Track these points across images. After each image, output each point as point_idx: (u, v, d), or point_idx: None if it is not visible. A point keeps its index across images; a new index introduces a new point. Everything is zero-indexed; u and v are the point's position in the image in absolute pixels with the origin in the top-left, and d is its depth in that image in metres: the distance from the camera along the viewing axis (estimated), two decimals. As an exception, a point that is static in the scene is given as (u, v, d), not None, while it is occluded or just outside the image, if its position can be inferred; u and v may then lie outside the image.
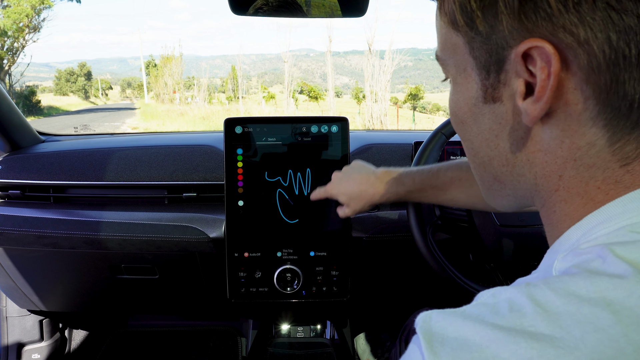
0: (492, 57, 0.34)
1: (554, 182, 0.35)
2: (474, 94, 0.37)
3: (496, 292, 0.31)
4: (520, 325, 0.27)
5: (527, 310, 0.28)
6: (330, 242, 1.05)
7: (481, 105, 0.37)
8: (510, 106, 0.35)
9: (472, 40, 0.35)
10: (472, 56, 0.36)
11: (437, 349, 0.28)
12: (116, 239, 1.06)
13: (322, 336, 1.43)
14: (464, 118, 0.40)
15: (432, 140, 0.91)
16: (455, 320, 0.29)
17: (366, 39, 14.74)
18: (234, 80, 32.61)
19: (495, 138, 0.38)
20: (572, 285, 0.28)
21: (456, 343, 0.28)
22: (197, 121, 17.16)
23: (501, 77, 0.35)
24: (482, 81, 0.36)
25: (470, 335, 0.28)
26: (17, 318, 1.44)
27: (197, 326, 1.75)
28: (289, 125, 1.03)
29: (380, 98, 14.25)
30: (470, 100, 0.38)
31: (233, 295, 1.06)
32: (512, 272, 0.91)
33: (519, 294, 0.29)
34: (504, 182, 0.40)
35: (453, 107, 0.41)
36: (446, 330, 0.29)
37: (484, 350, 0.27)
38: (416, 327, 0.31)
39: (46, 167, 1.18)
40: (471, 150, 0.41)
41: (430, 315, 0.31)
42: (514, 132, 0.36)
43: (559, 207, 0.36)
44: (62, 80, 49.99)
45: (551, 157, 0.35)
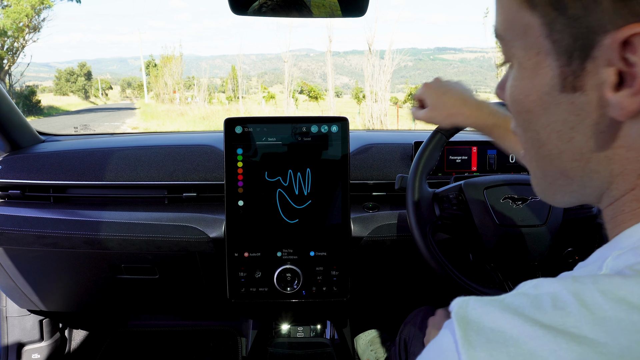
0: (578, 41, 0.31)
1: (632, 181, 0.33)
2: (548, 81, 0.33)
3: (539, 283, 0.30)
4: (563, 324, 0.26)
5: (572, 309, 0.26)
6: (330, 242, 1.05)
7: (557, 94, 0.33)
8: (595, 97, 0.31)
9: (554, 21, 0.32)
10: (550, 39, 0.32)
11: (472, 338, 0.27)
12: (116, 239, 1.06)
13: (322, 336, 1.43)
14: (531, 107, 0.35)
15: (432, 140, 0.91)
16: (493, 309, 0.28)
17: (366, 39, 14.74)
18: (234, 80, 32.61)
19: (570, 130, 0.34)
20: (624, 290, 0.26)
21: (492, 334, 0.27)
22: (197, 121, 17.16)
23: (587, 65, 0.31)
24: (561, 68, 0.32)
25: (508, 328, 0.26)
26: (17, 318, 1.44)
27: (197, 326, 1.75)
28: (289, 125, 1.03)
29: (380, 98, 14.25)
30: (542, 88, 0.34)
31: (233, 295, 1.06)
32: (512, 272, 0.91)
33: (564, 290, 0.28)
34: (572, 178, 0.36)
35: (517, 95, 0.37)
36: (483, 320, 0.28)
37: (520, 345, 0.25)
38: (451, 311, 0.30)
39: (46, 167, 1.18)
40: (536, 142, 0.37)
41: (467, 302, 0.29)
42: (595, 126, 0.32)
43: (629, 207, 0.33)
44: (62, 80, 49.99)
45: (634, 155, 0.32)
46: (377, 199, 1.17)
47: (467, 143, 1.19)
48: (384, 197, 1.18)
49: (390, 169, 1.18)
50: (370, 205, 1.13)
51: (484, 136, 0.82)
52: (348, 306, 1.42)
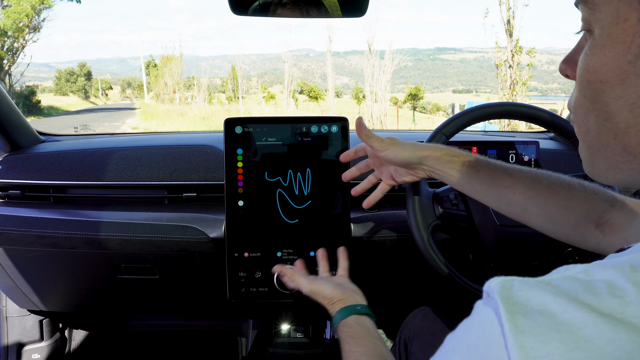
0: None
1: None
2: (633, 49, 0.32)
3: (589, 268, 0.28)
4: (622, 313, 0.24)
5: (632, 298, 0.25)
6: (330, 242, 1.05)
7: (637, 64, 0.32)
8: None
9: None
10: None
11: (519, 321, 0.25)
12: (116, 239, 1.06)
13: (322, 336, 1.43)
14: (607, 77, 0.34)
15: (432, 140, 0.91)
16: (542, 292, 0.26)
17: (366, 39, 14.74)
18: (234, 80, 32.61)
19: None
20: None
21: (542, 318, 0.25)
22: (197, 121, 17.17)
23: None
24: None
25: (560, 312, 0.25)
26: (17, 318, 1.44)
27: (197, 326, 1.75)
28: (289, 125, 1.03)
29: (380, 98, 14.25)
30: (624, 57, 0.33)
31: (233, 295, 1.06)
32: (512, 272, 0.91)
33: (622, 277, 0.26)
34: (635, 155, 0.35)
35: (593, 64, 0.35)
36: (530, 302, 0.26)
37: (575, 331, 0.24)
38: (492, 291, 0.28)
39: (46, 167, 1.18)
40: (602, 113, 0.36)
41: (511, 282, 0.28)
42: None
43: None
44: (62, 80, 50.00)
45: None
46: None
47: (467, 143, 1.19)
48: (384, 197, 1.17)
49: (390, 169, 1.18)
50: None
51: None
52: (348, 306, 1.42)
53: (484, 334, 0.27)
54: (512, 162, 1.20)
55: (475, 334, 0.28)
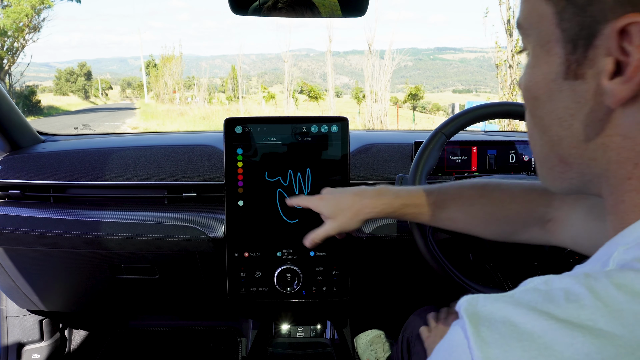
0: (583, 30, 0.32)
1: (628, 170, 0.34)
2: (554, 68, 0.35)
3: (549, 279, 0.30)
4: (578, 317, 0.25)
5: (586, 302, 0.26)
6: (330, 242, 1.05)
7: (560, 81, 0.35)
8: (593, 85, 0.33)
9: (564, 10, 0.33)
10: (560, 28, 0.34)
11: (484, 333, 0.27)
12: (116, 239, 1.06)
13: (322, 336, 1.43)
14: (538, 93, 0.37)
15: (432, 140, 0.91)
16: (504, 305, 0.28)
17: (366, 39, 14.73)
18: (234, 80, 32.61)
19: (570, 117, 0.35)
20: (638, 284, 0.26)
21: (505, 329, 0.26)
22: (197, 121, 17.16)
23: (589, 53, 0.33)
24: (567, 55, 0.34)
25: (521, 323, 0.26)
26: (17, 318, 1.44)
27: (197, 326, 1.75)
28: (289, 125, 1.03)
29: (380, 98, 14.25)
30: (549, 75, 0.36)
31: (233, 295, 1.06)
32: (512, 272, 0.91)
33: (577, 284, 0.28)
34: (570, 165, 0.38)
35: (527, 81, 0.39)
36: (494, 315, 0.27)
37: (535, 339, 0.25)
38: (459, 309, 0.29)
39: (46, 167, 1.18)
40: (540, 127, 0.39)
41: (476, 299, 0.29)
42: (592, 113, 0.34)
43: (629, 197, 0.34)
44: (62, 80, 50.00)
45: (629, 143, 0.33)
46: (377, 199, 1.17)
47: (467, 143, 1.19)
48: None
49: (390, 169, 1.18)
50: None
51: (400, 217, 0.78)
52: (348, 306, 1.42)
53: (453, 349, 0.28)
54: (512, 162, 1.20)
55: (445, 351, 0.30)
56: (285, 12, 0.83)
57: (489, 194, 0.72)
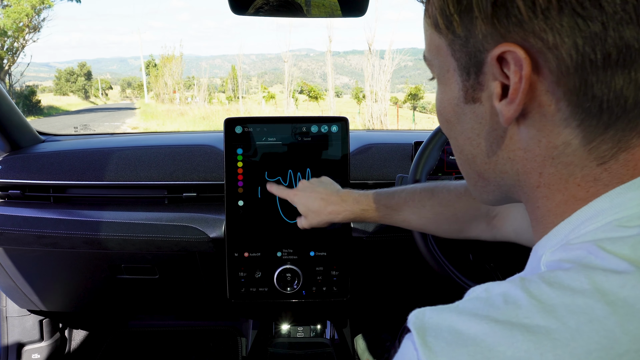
0: (472, 59, 0.35)
1: (535, 179, 0.36)
2: (456, 94, 0.38)
3: (489, 287, 0.32)
4: (516, 317, 0.27)
5: (522, 302, 0.28)
6: (330, 242, 1.05)
7: (462, 105, 0.38)
8: (489, 107, 0.36)
9: (453, 42, 0.36)
10: (454, 58, 0.37)
11: (430, 343, 0.28)
12: (116, 239, 1.06)
13: (322, 336, 1.42)
14: (449, 117, 0.41)
15: (432, 140, 0.91)
16: (449, 314, 0.30)
17: (366, 39, 14.74)
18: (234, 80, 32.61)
19: (476, 137, 0.39)
20: (567, 279, 0.28)
21: (450, 337, 0.28)
22: (197, 121, 17.16)
23: (480, 79, 0.36)
24: (463, 82, 0.37)
25: (465, 329, 0.28)
26: (17, 318, 1.44)
27: (197, 326, 1.75)
28: (289, 125, 1.03)
29: (380, 98, 14.25)
30: (453, 100, 0.39)
31: (233, 295, 1.06)
32: (512, 272, 0.91)
33: (514, 287, 0.30)
34: (487, 179, 0.41)
35: (438, 106, 0.42)
36: (439, 325, 0.29)
37: (479, 343, 0.27)
38: (409, 324, 0.31)
39: (46, 167, 1.18)
40: (457, 147, 0.42)
41: (423, 312, 0.31)
42: (493, 132, 0.37)
43: (542, 203, 0.37)
44: (62, 80, 50.00)
45: (530, 155, 0.35)
46: (377, 199, 1.17)
47: (467, 143, 1.19)
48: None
49: (390, 169, 1.18)
50: (370, 205, 1.13)
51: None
52: (348, 306, 1.42)
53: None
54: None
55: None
56: (285, 12, 0.83)
57: (437, 195, 0.77)
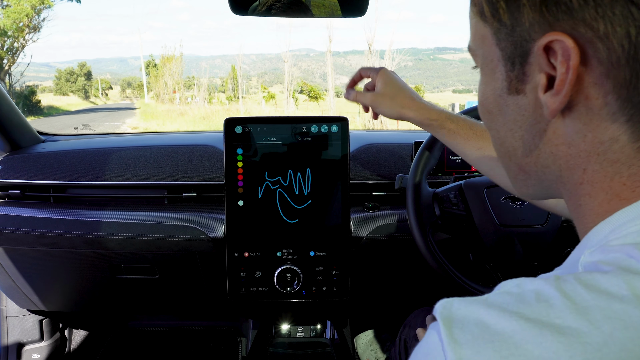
0: (517, 49, 0.34)
1: (579, 176, 0.35)
2: (499, 84, 0.38)
3: (521, 282, 0.31)
4: (547, 316, 0.26)
5: (556, 302, 0.27)
6: (330, 242, 1.05)
7: (506, 97, 0.37)
8: (533, 98, 0.35)
9: (498, 31, 0.36)
10: (499, 47, 0.36)
11: (457, 335, 0.27)
12: (116, 239, 1.06)
13: (322, 336, 1.43)
14: (491, 108, 0.40)
15: (432, 140, 0.91)
16: (477, 307, 0.29)
17: (366, 39, 14.74)
18: (234, 80, 32.60)
19: (519, 129, 0.38)
20: (605, 283, 0.27)
21: (477, 330, 0.27)
22: (197, 121, 17.15)
23: (525, 70, 0.35)
24: (507, 73, 0.36)
25: (493, 323, 0.27)
26: (17, 318, 1.44)
27: (197, 326, 1.75)
28: (289, 125, 1.03)
29: (380, 98, 14.23)
30: (496, 91, 0.38)
31: (233, 295, 1.06)
32: (512, 272, 0.91)
33: (548, 285, 0.29)
34: (528, 173, 0.40)
35: (481, 97, 0.41)
36: (467, 317, 0.28)
37: (506, 339, 0.26)
38: (435, 313, 0.30)
39: (46, 167, 1.18)
40: (497, 139, 0.41)
41: (451, 302, 0.30)
42: (536, 125, 0.36)
43: (584, 201, 0.35)
44: (62, 80, 49.98)
45: (574, 150, 0.34)
46: (377, 199, 1.17)
47: (467, 143, 1.19)
48: (384, 197, 1.18)
49: (390, 169, 1.18)
50: (370, 205, 1.13)
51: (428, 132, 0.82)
52: (348, 306, 1.42)
53: (428, 352, 0.30)
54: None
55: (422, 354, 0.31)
56: (285, 12, 0.83)
57: None
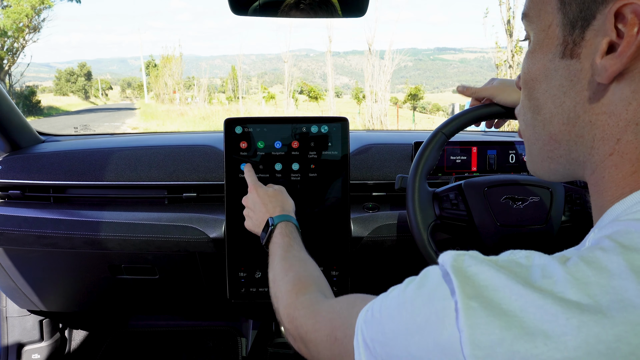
0: (583, 12, 0.35)
1: (611, 146, 0.36)
2: (552, 49, 0.38)
3: (530, 255, 0.33)
4: (551, 291, 0.28)
5: (558, 277, 0.29)
6: (330, 242, 1.05)
7: (557, 61, 0.38)
8: (588, 64, 0.36)
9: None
10: (562, 12, 0.37)
11: (469, 292, 0.29)
12: (116, 239, 1.06)
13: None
14: (536, 75, 0.40)
15: (432, 140, 0.91)
16: (488, 269, 0.31)
17: (366, 39, 14.73)
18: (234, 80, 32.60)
19: (562, 95, 0.38)
20: (605, 261, 0.29)
21: (487, 292, 0.29)
22: (197, 121, 17.15)
23: (586, 34, 0.35)
24: (565, 37, 0.37)
25: (501, 287, 0.29)
26: (17, 318, 1.44)
27: (197, 326, 1.75)
28: (289, 126, 1.03)
29: (380, 98, 14.24)
30: (547, 56, 0.39)
31: (233, 295, 1.06)
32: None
33: (553, 262, 0.31)
34: (559, 142, 0.41)
35: (528, 65, 0.42)
36: (479, 277, 0.30)
37: (512, 303, 0.28)
38: (444, 264, 0.32)
39: (46, 167, 1.18)
40: (535, 108, 0.42)
41: (462, 257, 0.32)
42: (583, 91, 0.37)
43: (609, 173, 0.37)
44: (62, 80, 49.99)
45: (614, 120, 0.35)
46: (377, 199, 1.17)
47: (467, 143, 1.19)
48: (384, 197, 1.18)
49: (390, 169, 1.18)
50: (370, 205, 1.13)
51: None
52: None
53: (434, 298, 0.31)
54: (512, 162, 1.20)
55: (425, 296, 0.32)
56: (285, 12, 0.83)
57: None
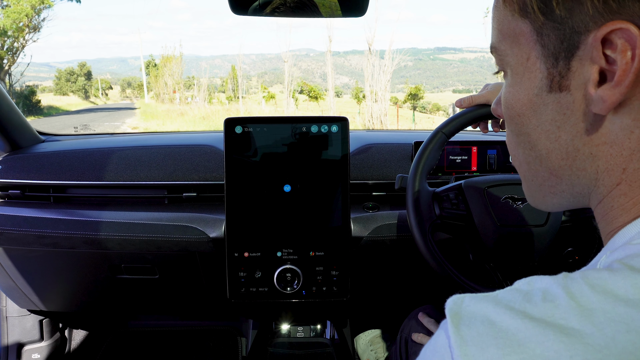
0: (564, 43, 0.33)
1: (617, 176, 0.34)
2: (537, 83, 0.36)
3: (532, 280, 0.31)
4: (552, 316, 0.26)
5: (561, 302, 0.27)
6: (330, 242, 1.05)
7: (544, 95, 0.36)
8: (579, 95, 0.33)
9: (542, 26, 0.34)
10: (540, 44, 0.35)
11: (463, 331, 0.28)
12: (116, 239, 1.06)
13: (322, 336, 1.43)
14: (522, 110, 0.38)
15: (432, 140, 0.91)
16: (486, 304, 0.29)
17: (366, 39, 14.74)
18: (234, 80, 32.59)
19: (557, 129, 0.36)
20: (611, 284, 0.27)
21: (483, 327, 0.27)
22: (197, 121, 17.15)
23: (572, 65, 0.33)
24: (549, 69, 0.35)
25: (499, 321, 0.27)
26: (17, 318, 1.44)
27: (197, 326, 1.75)
28: (289, 125, 1.03)
29: (380, 98, 14.25)
30: (531, 91, 0.36)
31: (233, 295, 1.06)
32: (512, 272, 0.91)
33: (555, 284, 0.29)
34: (560, 177, 0.38)
35: (510, 100, 0.39)
36: (475, 314, 0.29)
37: (510, 337, 0.26)
38: (446, 309, 0.31)
39: (46, 167, 1.18)
40: (527, 144, 0.39)
41: (462, 299, 0.31)
42: (579, 123, 0.34)
43: (618, 202, 0.34)
44: (62, 80, 49.98)
45: (617, 150, 0.33)
46: (377, 199, 1.17)
47: (467, 143, 1.19)
48: (384, 197, 1.18)
49: (390, 169, 1.18)
50: (370, 205, 1.13)
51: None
52: (348, 306, 1.42)
53: (436, 349, 0.30)
54: (512, 162, 1.20)
55: (430, 350, 0.31)
56: (285, 12, 0.83)
57: None
